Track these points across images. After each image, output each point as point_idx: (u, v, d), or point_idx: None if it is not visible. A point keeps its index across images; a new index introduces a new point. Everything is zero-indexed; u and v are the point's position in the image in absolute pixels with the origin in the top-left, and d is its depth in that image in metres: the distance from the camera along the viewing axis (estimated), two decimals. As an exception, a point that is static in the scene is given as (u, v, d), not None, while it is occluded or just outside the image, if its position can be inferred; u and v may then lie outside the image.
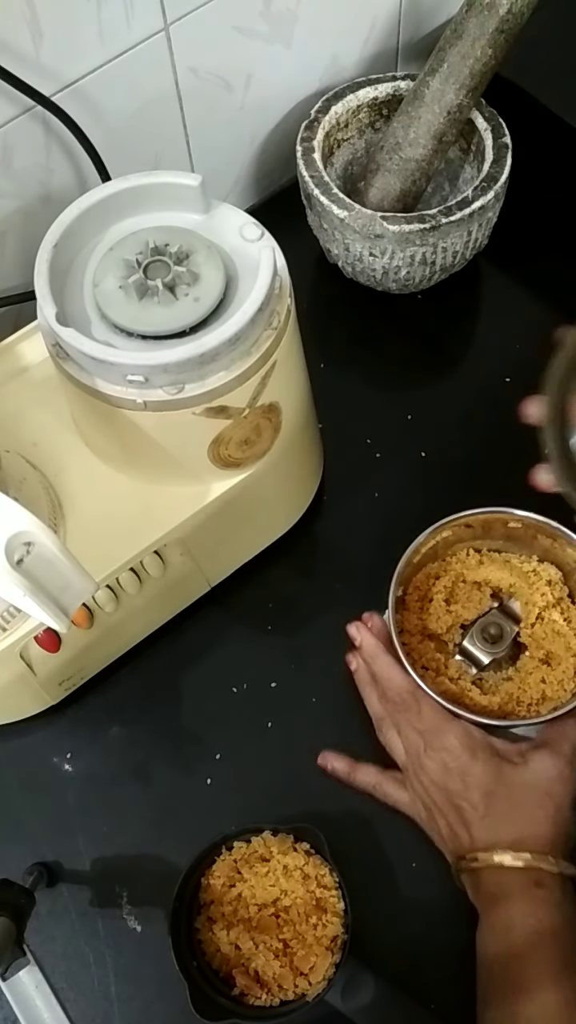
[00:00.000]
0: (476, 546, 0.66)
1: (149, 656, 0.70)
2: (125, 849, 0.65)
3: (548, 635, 0.62)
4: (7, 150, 0.65)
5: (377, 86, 0.78)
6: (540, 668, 0.62)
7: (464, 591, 0.64)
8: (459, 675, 0.62)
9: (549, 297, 0.82)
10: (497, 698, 0.61)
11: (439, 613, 0.63)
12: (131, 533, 0.60)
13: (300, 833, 0.61)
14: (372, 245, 0.72)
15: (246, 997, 0.58)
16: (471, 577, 0.65)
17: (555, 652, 0.62)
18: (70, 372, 0.53)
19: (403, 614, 0.63)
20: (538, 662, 0.62)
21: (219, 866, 0.61)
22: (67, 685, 0.67)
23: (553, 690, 0.61)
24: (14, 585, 0.45)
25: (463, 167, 0.79)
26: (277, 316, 0.54)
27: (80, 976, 0.62)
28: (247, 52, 0.74)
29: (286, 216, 0.73)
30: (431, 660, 0.62)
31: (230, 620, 0.71)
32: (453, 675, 0.62)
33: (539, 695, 0.61)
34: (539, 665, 0.62)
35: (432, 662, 0.62)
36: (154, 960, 0.61)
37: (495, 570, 0.65)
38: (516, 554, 0.66)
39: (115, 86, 0.68)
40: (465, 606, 0.64)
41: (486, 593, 0.64)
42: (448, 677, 0.62)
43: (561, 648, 0.62)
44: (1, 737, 0.68)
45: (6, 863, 0.64)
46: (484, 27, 0.65)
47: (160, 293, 0.52)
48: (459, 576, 0.65)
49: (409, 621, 0.63)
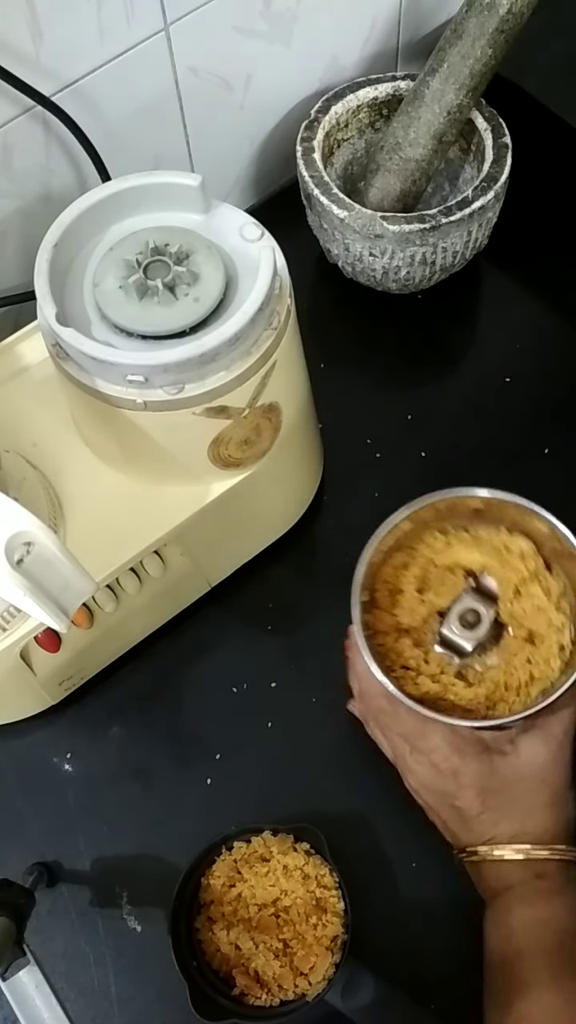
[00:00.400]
0: (442, 528, 0.61)
1: (149, 656, 0.70)
2: (125, 849, 0.65)
3: (528, 611, 0.59)
4: (7, 150, 0.65)
5: (377, 86, 0.78)
6: (524, 648, 0.58)
7: (436, 577, 0.60)
8: (441, 669, 0.59)
9: (549, 297, 0.82)
10: (483, 688, 0.58)
11: (412, 605, 0.59)
12: (131, 533, 0.60)
13: (300, 833, 0.61)
14: (372, 245, 0.72)
15: (246, 997, 0.58)
16: (441, 561, 0.60)
17: (538, 629, 0.58)
18: (70, 372, 0.53)
19: (375, 614, 0.59)
20: (522, 642, 0.59)
21: (219, 866, 0.61)
22: (67, 685, 0.67)
23: (540, 670, 0.58)
24: (14, 585, 0.45)
25: (463, 167, 0.79)
26: (277, 316, 0.54)
27: (80, 976, 0.62)
28: (247, 52, 0.74)
29: (286, 216, 0.73)
30: (410, 658, 0.59)
31: (230, 620, 0.71)
32: (434, 671, 0.58)
33: (526, 676, 0.58)
34: (523, 645, 0.58)
35: (411, 659, 0.59)
36: (154, 960, 0.61)
37: (465, 550, 0.60)
38: (484, 529, 0.61)
39: (115, 86, 0.68)
40: (439, 593, 0.60)
41: (459, 576, 0.60)
42: (429, 675, 0.58)
43: (543, 624, 0.58)
44: (1, 737, 0.68)
45: (6, 863, 0.64)
46: (484, 27, 0.65)
47: (160, 293, 0.52)
48: (428, 562, 0.61)
49: (382, 620, 0.60)
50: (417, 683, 0.57)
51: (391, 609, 0.60)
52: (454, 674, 0.58)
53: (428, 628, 0.60)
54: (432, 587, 0.60)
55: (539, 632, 0.58)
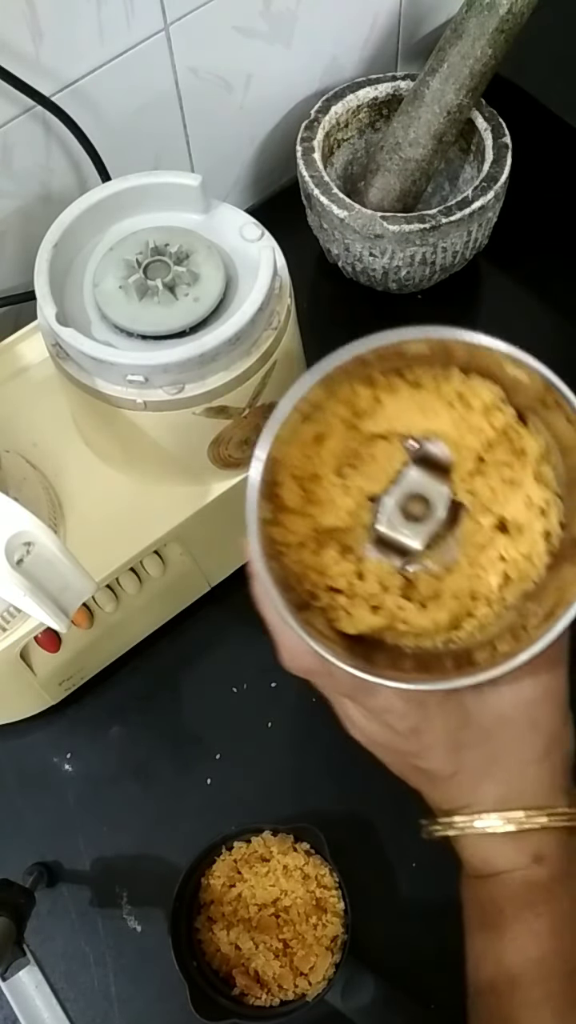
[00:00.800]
0: (366, 378, 0.41)
1: (149, 656, 0.70)
2: (125, 849, 0.65)
3: (497, 488, 0.40)
4: (7, 150, 0.65)
5: (377, 86, 0.78)
6: (496, 539, 0.41)
7: (363, 449, 0.41)
8: (383, 585, 0.41)
9: (549, 297, 0.82)
10: (444, 611, 0.41)
11: (333, 495, 0.41)
12: (131, 533, 0.60)
13: (300, 833, 0.61)
14: (372, 245, 0.72)
15: (246, 997, 0.58)
16: (369, 426, 0.41)
17: (512, 512, 0.40)
18: (70, 372, 0.53)
19: (282, 519, 0.40)
20: (491, 531, 0.41)
21: (219, 866, 0.61)
22: (67, 685, 0.67)
23: (519, 568, 0.40)
24: (14, 585, 0.45)
25: (463, 167, 0.79)
26: (277, 316, 0.54)
27: (80, 976, 0.62)
28: (247, 52, 0.74)
29: (286, 216, 0.73)
30: (338, 575, 0.41)
31: (230, 620, 0.71)
32: (373, 590, 0.41)
33: (500, 579, 0.40)
34: (493, 535, 0.41)
35: (340, 578, 0.41)
36: (154, 960, 0.61)
37: (402, 406, 0.41)
38: (428, 373, 0.41)
39: (115, 86, 0.68)
40: (368, 472, 0.41)
41: (395, 445, 0.41)
42: (367, 598, 0.41)
43: (520, 505, 0.40)
44: (1, 737, 0.68)
45: (6, 863, 0.64)
46: (484, 27, 0.65)
47: (160, 293, 0.52)
48: (350, 426, 0.41)
49: (293, 526, 0.41)
50: (351, 614, 0.41)
51: (304, 508, 0.41)
52: (400, 591, 0.41)
53: (357, 525, 0.42)
54: (359, 465, 0.42)
55: (514, 516, 0.41)
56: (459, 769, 0.41)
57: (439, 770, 0.42)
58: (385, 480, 0.41)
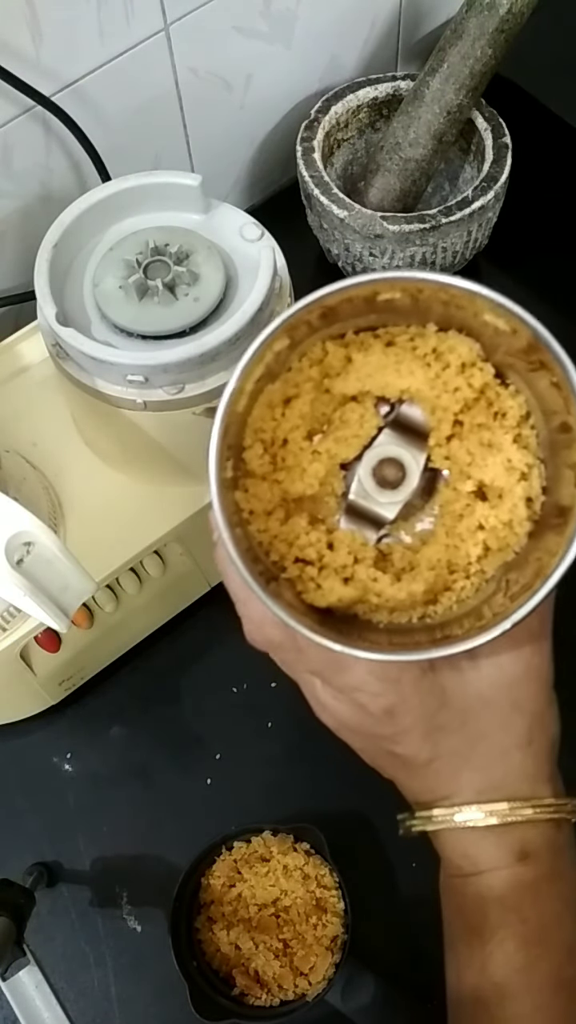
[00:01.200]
0: (336, 332, 0.39)
1: (149, 656, 0.70)
2: (125, 849, 0.65)
3: (475, 451, 0.38)
4: (7, 150, 0.65)
5: (377, 86, 0.78)
6: (475, 507, 0.38)
7: (334, 410, 0.39)
8: (355, 556, 0.39)
9: (549, 297, 0.81)
10: (419, 583, 0.38)
11: (302, 461, 0.39)
12: (131, 533, 0.60)
13: (300, 833, 0.61)
14: (372, 245, 0.72)
15: (246, 997, 0.58)
16: (339, 387, 0.39)
17: (491, 477, 0.38)
18: (70, 372, 0.53)
19: (248, 485, 0.38)
20: (469, 497, 0.38)
21: (219, 866, 0.61)
22: (67, 685, 0.67)
23: (499, 537, 0.38)
24: (14, 585, 0.45)
25: (463, 167, 0.79)
26: (277, 316, 0.54)
27: (80, 976, 0.62)
28: (247, 52, 0.74)
29: (286, 216, 0.73)
30: (306, 546, 0.38)
31: (230, 620, 0.70)
32: (344, 561, 0.39)
33: (479, 550, 0.38)
34: (471, 502, 0.38)
35: (309, 548, 0.38)
36: (154, 960, 0.61)
37: (374, 365, 0.39)
38: (402, 327, 0.39)
39: (115, 86, 0.68)
40: (339, 437, 0.39)
41: (368, 407, 0.39)
42: (337, 569, 0.39)
43: (500, 469, 0.38)
44: (1, 737, 0.68)
45: (6, 863, 0.64)
46: (484, 27, 0.65)
47: (160, 293, 0.52)
48: (320, 389, 0.39)
49: (259, 493, 0.38)
50: (321, 586, 0.38)
51: (271, 473, 0.39)
52: (372, 562, 0.39)
53: (328, 494, 0.40)
54: (329, 430, 0.39)
55: (493, 480, 0.38)
56: (436, 755, 0.39)
57: (415, 756, 0.39)
58: (357, 446, 0.39)
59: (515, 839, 0.38)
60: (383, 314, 0.38)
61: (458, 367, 0.38)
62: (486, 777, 0.39)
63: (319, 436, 0.39)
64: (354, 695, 0.39)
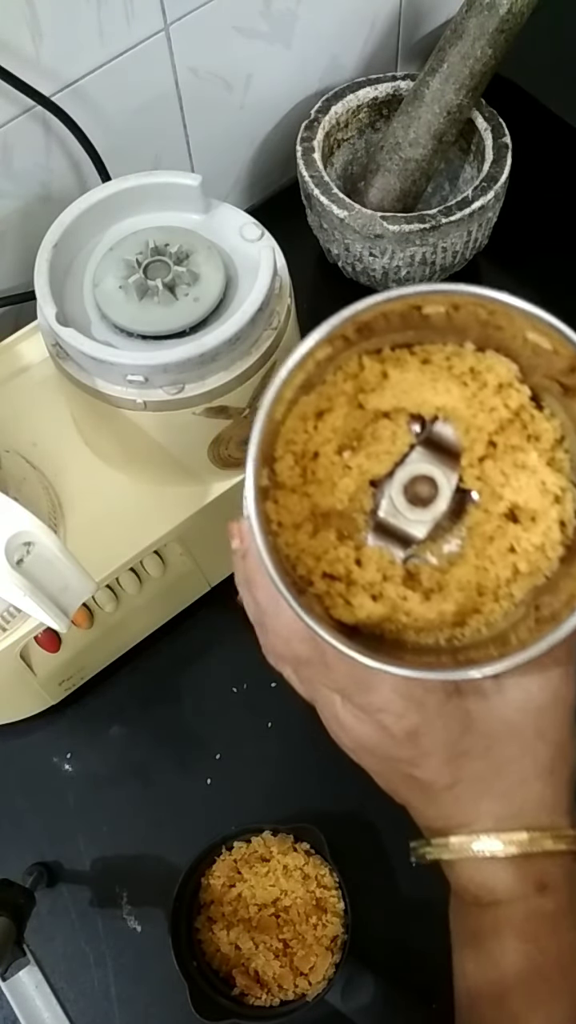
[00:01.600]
0: (372, 348, 0.39)
1: (149, 656, 0.70)
2: (125, 849, 0.65)
3: (509, 473, 0.38)
4: (7, 150, 0.65)
5: (377, 86, 0.78)
6: (505, 529, 0.38)
7: (366, 426, 0.39)
8: (383, 574, 0.38)
9: (549, 297, 0.81)
10: (450, 602, 0.38)
11: (333, 475, 0.38)
12: (131, 533, 0.60)
13: (300, 833, 0.61)
14: (372, 245, 0.72)
15: (246, 997, 0.58)
16: (375, 402, 0.39)
17: (524, 499, 0.38)
18: (70, 372, 0.53)
19: (277, 497, 0.38)
20: (500, 519, 0.38)
21: (219, 866, 0.61)
22: (67, 685, 0.67)
23: (530, 560, 0.38)
24: (14, 585, 0.45)
25: (463, 167, 0.79)
26: (277, 316, 0.54)
27: (80, 976, 0.62)
28: (247, 52, 0.74)
29: (286, 216, 0.73)
30: (335, 561, 0.38)
31: (230, 620, 0.71)
32: (373, 578, 0.38)
33: (509, 572, 0.38)
34: (503, 524, 0.38)
35: (338, 564, 0.38)
36: (154, 960, 0.61)
37: (411, 382, 0.38)
38: (439, 345, 0.39)
39: (115, 86, 0.68)
40: (372, 453, 0.39)
41: (401, 425, 0.39)
42: (366, 586, 0.38)
43: (534, 492, 0.38)
44: (1, 737, 0.68)
45: (6, 863, 0.64)
46: (484, 27, 0.65)
47: (160, 293, 0.52)
48: (352, 404, 0.39)
49: (288, 505, 0.38)
50: (351, 602, 0.38)
51: (301, 486, 0.39)
52: (401, 580, 0.38)
53: (356, 510, 0.39)
54: (361, 445, 0.39)
55: (527, 503, 0.38)
56: (457, 780, 0.38)
57: (435, 780, 0.38)
58: (389, 462, 0.38)
59: (534, 870, 0.38)
60: (420, 331, 0.38)
61: (495, 387, 0.38)
62: (506, 805, 0.38)
63: (348, 451, 0.39)
64: (377, 715, 0.38)
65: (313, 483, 0.38)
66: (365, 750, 0.40)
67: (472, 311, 0.37)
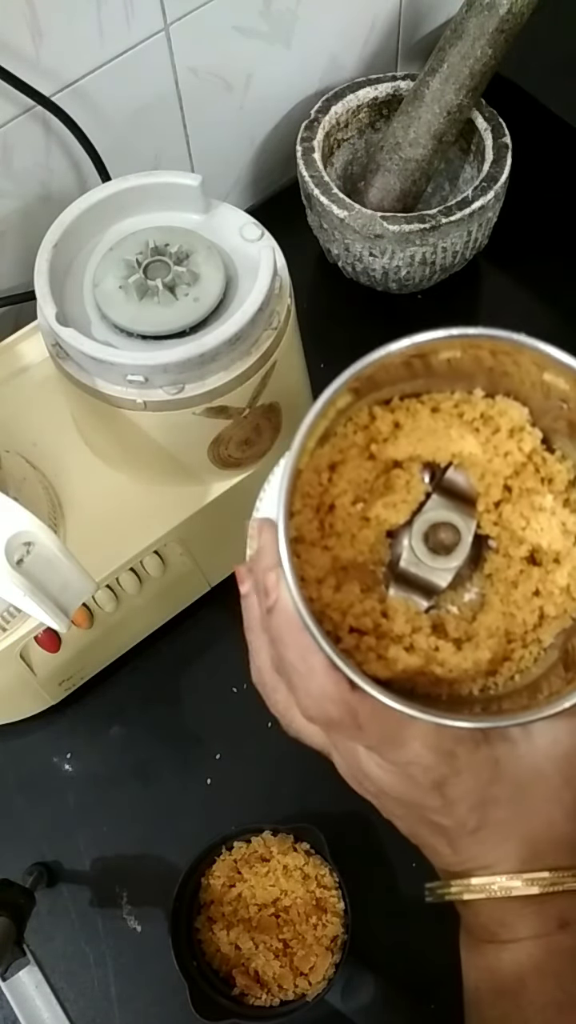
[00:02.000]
0: (382, 398, 0.38)
1: (149, 656, 0.70)
2: (125, 849, 0.65)
3: (529, 516, 0.38)
4: (7, 150, 0.65)
5: (377, 86, 0.78)
6: (529, 573, 0.38)
7: (377, 477, 0.39)
8: (412, 626, 0.37)
9: (549, 297, 0.82)
10: (483, 650, 0.37)
11: (351, 527, 0.38)
12: (131, 533, 0.60)
13: (300, 833, 0.61)
14: (372, 245, 0.72)
15: (246, 997, 0.58)
16: (389, 452, 0.38)
17: (548, 544, 0.37)
18: (70, 372, 0.53)
19: (300, 551, 0.37)
20: (522, 563, 0.38)
21: (219, 866, 0.61)
22: (67, 685, 0.67)
23: (555, 603, 0.37)
24: (14, 585, 0.45)
25: (463, 167, 0.79)
26: (277, 316, 0.54)
27: (80, 976, 0.62)
28: (247, 52, 0.74)
29: (286, 216, 0.73)
30: (362, 615, 0.37)
31: (230, 620, 0.71)
32: (403, 630, 0.37)
33: (535, 618, 0.38)
34: (524, 569, 0.38)
35: (366, 618, 0.37)
36: (154, 960, 0.61)
37: (424, 430, 0.38)
38: (447, 393, 0.38)
39: (115, 86, 0.68)
40: (388, 503, 0.38)
41: (413, 473, 0.39)
42: (397, 638, 0.37)
43: (556, 533, 0.37)
44: (1, 737, 0.68)
45: (6, 863, 0.64)
46: (484, 27, 0.65)
47: (160, 293, 0.52)
48: (363, 455, 0.38)
49: (311, 559, 0.37)
50: (384, 656, 0.36)
51: (320, 540, 0.38)
52: (430, 630, 0.38)
53: (374, 561, 0.39)
54: (375, 496, 0.39)
55: (550, 545, 0.38)
56: (483, 825, 0.38)
57: (461, 826, 0.38)
58: (406, 511, 0.38)
59: (556, 908, 0.38)
60: (428, 379, 0.38)
61: (508, 431, 0.38)
62: (530, 848, 0.38)
63: (361, 503, 0.38)
64: (407, 768, 0.37)
65: (332, 536, 0.38)
66: (388, 798, 0.40)
67: (474, 356, 0.36)
